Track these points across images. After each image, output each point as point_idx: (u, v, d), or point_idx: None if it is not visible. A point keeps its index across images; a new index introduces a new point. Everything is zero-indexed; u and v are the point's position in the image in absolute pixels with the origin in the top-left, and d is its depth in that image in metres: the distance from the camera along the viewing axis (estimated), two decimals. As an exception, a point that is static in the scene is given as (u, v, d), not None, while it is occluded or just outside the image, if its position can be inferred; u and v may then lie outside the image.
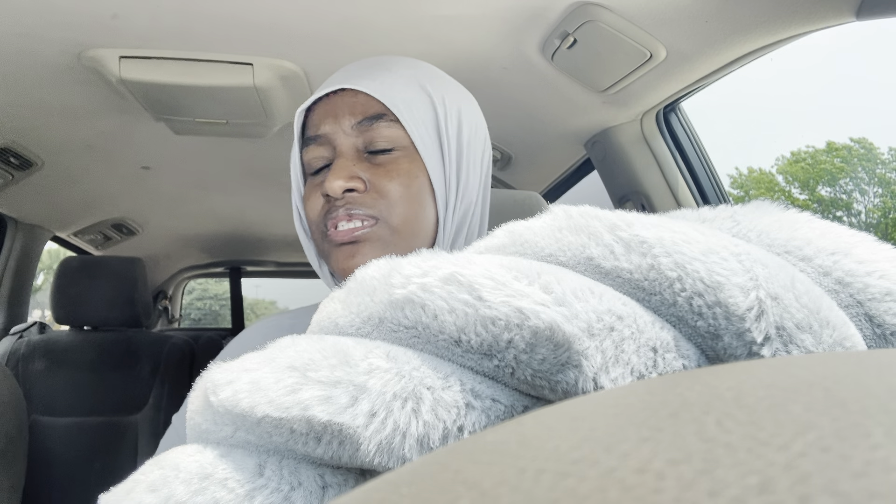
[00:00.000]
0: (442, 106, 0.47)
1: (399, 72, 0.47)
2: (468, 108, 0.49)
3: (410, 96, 0.46)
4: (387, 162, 0.45)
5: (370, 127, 0.45)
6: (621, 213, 0.17)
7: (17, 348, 1.33)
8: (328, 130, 0.46)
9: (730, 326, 0.15)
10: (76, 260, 1.45)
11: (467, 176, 0.48)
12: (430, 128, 0.46)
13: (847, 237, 0.17)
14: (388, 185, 0.44)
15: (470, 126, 0.49)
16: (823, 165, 11.19)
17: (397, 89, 0.46)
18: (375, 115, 0.45)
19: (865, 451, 0.07)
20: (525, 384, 0.16)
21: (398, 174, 0.45)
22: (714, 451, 0.07)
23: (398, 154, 0.45)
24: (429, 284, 0.16)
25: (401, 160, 0.45)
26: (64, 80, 0.90)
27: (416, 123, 0.45)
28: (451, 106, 0.47)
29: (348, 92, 0.46)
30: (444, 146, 0.47)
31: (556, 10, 0.75)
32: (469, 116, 0.49)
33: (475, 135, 0.49)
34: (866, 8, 0.58)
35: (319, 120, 0.46)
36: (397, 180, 0.44)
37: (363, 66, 0.48)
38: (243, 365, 0.17)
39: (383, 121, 0.45)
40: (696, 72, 0.81)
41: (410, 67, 0.48)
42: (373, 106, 0.45)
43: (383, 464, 0.15)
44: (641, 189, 1.02)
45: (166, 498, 0.15)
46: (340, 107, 0.46)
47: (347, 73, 0.47)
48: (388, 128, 0.45)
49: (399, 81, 0.46)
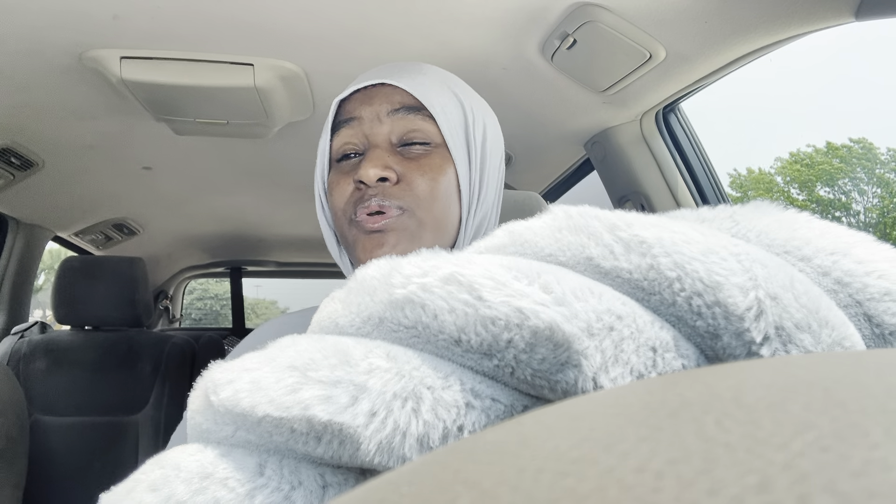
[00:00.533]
0: (471, 113, 0.48)
1: (432, 76, 0.49)
2: (492, 120, 0.51)
3: (444, 99, 0.47)
4: (419, 157, 0.46)
5: (406, 117, 0.46)
6: (621, 213, 0.17)
7: (18, 348, 1.33)
8: (364, 114, 0.47)
9: (729, 326, 0.15)
10: (77, 260, 1.45)
11: (487, 182, 0.49)
12: (460, 130, 0.47)
13: (846, 237, 0.17)
14: (420, 179, 0.45)
15: (493, 137, 0.50)
16: (822, 166, 11.18)
17: (434, 90, 0.47)
18: (412, 106, 0.46)
19: (864, 451, 0.07)
20: (525, 384, 0.16)
21: (430, 170, 0.45)
22: (713, 451, 0.08)
23: (430, 150, 0.46)
24: (429, 284, 0.16)
25: (433, 156, 0.46)
26: (65, 80, 0.90)
27: (449, 123, 0.47)
28: (479, 114, 0.49)
29: (387, 86, 0.47)
30: (471, 150, 0.48)
31: (556, 11, 0.75)
32: (492, 128, 0.51)
33: (496, 145, 0.51)
34: (865, 8, 0.58)
35: (355, 106, 0.47)
36: (429, 176, 0.45)
37: (398, 67, 0.49)
38: (244, 364, 0.17)
39: (420, 115, 0.46)
40: (695, 72, 0.81)
41: (442, 75, 0.50)
42: (411, 100, 0.46)
43: (383, 463, 0.15)
44: (641, 189, 1.02)
45: (167, 497, 0.15)
46: (378, 96, 0.47)
47: (384, 70, 0.49)
48: (424, 122, 0.46)
49: (434, 84, 0.48)
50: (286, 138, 1.14)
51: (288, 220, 1.89)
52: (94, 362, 1.35)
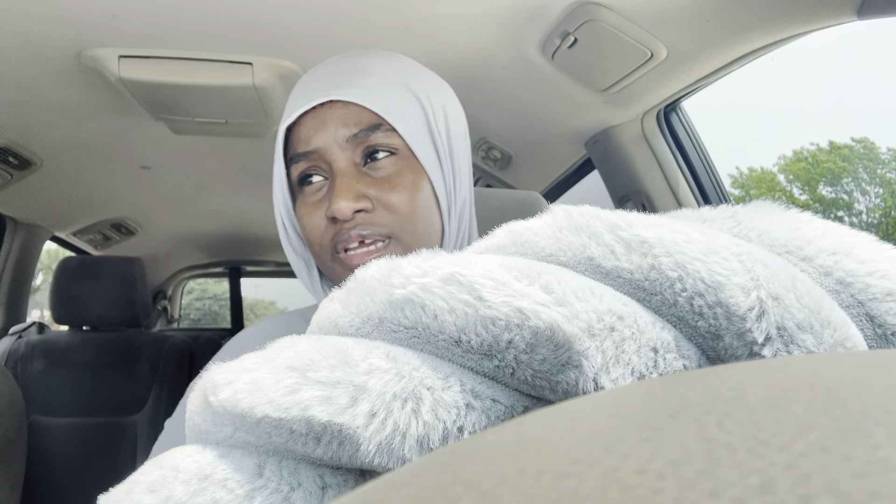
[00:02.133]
0: (430, 106, 0.44)
1: (382, 73, 0.44)
2: (450, 103, 0.47)
3: (400, 101, 0.43)
4: (390, 175, 0.43)
5: (367, 138, 0.42)
6: (622, 212, 0.17)
7: (16, 348, 1.33)
8: (320, 145, 0.42)
9: (731, 326, 0.15)
10: (75, 260, 1.45)
11: (460, 173, 0.47)
12: (423, 131, 0.44)
13: (848, 237, 0.17)
14: (396, 199, 0.42)
15: (455, 122, 0.47)
16: (825, 165, 11.20)
17: (387, 95, 0.43)
18: (371, 125, 0.42)
19: (866, 452, 0.07)
20: (525, 384, 0.16)
21: (403, 186, 0.42)
22: (715, 452, 0.07)
23: (399, 164, 0.43)
24: (429, 284, 0.16)
25: (403, 171, 0.43)
26: (63, 79, 0.90)
27: (412, 130, 0.43)
28: (437, 104, 0.45)
29: (337, 104, 0.43)
30: (438, 146, 0.45)
31: (557, 10, 0.75)
32: (453, 112, 0.47)
33: (459, 129, 0.47)
34: (868, 7, 0.58)
35: (308, 134, 0.43)
36: (404, 193, 0.42)
37: (342, 70, 0.45)
38: (243, 365, 0.17)
39: (380, 131, 0.42)
40: (696, 71, 0.81)
41: (391, 65, 0.45)
42: (366, 116, 0.42)
43: (383, 464, 0.15)
44: (642, 189, 1.02)
45: (166, 498, 0.15)
46: (331, 119, 0.42)
47: (328, 79, 0.44)
48: (386, 137, 0.42)
49: (386, 85, 0.43)
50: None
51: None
52: (92, 363, 1.35)
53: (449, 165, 0.46)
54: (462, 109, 0.50)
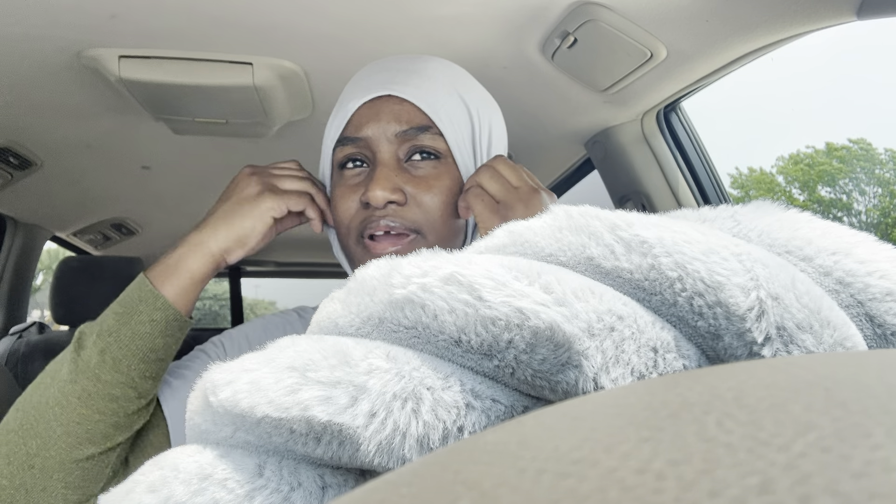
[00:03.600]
0: (478, 117, 0.47)
1: (439, 78, 0.47)
2: (497, 119, 0.50)
3: (452, 108, 0.46)
4: (428, 175, 0.45)
5: (415, 137, 0.45)
6: (622, 212, 0.17)
7: (16, 348, 1.33)
8: (371, 134, 0.45)
9: (730, 326, 0.15)
10: (75, 260, 1.45)
11: None
12: (467, 140, 0.46)
13: (848, 237, 0.17)
14: (429, 199, 0.44)
15: (498, 138, 0.49)
16: (822, 167, 11.20)
17: (441, 100, 0.45)
18: (421, 126, 0.45)
19: (866, 452, 0.07)
20: (525, 384, 0.16)
21: (439, 189, 0.45)
22: (714, 452, 0.07)
23: (439, 167, 0.45)
24: (429, 284, 0.16)
25: (441, 174, 0.45)
26: (63, 79, 0.90)
27: (458, 138, 0.45)
28: (485, 117, 0.48)
29: (393, 98, 0.45)
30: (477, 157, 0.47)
31: (557, 10, 0.75)
32: (498, 128, 0.49)
33: (500, 146, 0.50)
34: (867, 7, 0.58)
35: (361, 122, 0.46)
36: (438, 195, 0.44)
37: (402, 69, 0.47)
38: (243, 365, 0.17)
39: (428, 133, 0.45)
40: (696, 71, 0.81)
41: (448, 73, 0.48)
42: (418, 116, 0.45)
43: (383, 464, 0.15)
44: (642, 189, 1.02)
45: (166, 498, 0.15)
46: (385, 112, 0.45)
47: (389, 75, 0.47)
48: (433, 140, 0.45)
49: (441, 90, 0.46)
50: (285, 137, 1.14)
51: (287, 219, 1.89)
52: (93, 362, 1.34)
53: None
54: (505, 127, 0.52)
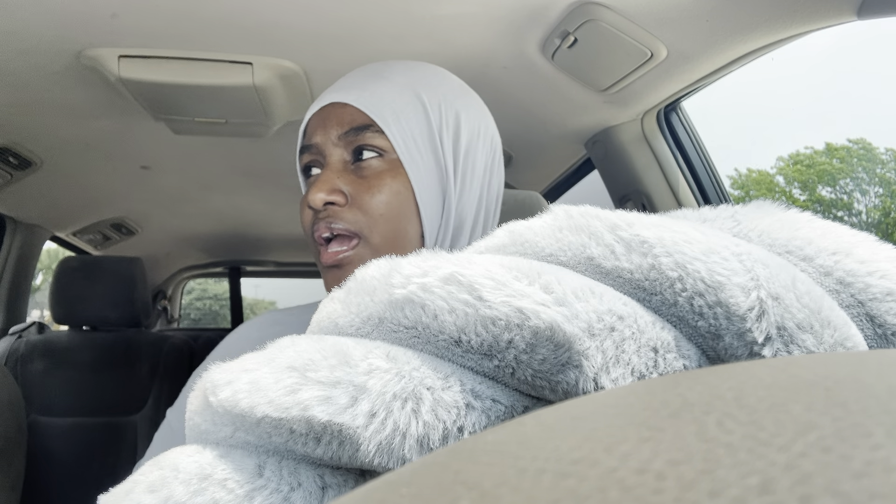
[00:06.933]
0: (437, 113, 0.45)
1: (394, 79, 0.46)
2: (469, 113, 0.47)
3: (401, 105, 0.45)
4: (371, 175, 0.44)
5: (356, 137, 0.45)
6: (622, 212, 0.17)
7: (16, 348, 1.33)
8: (318, 140, 0.46)
9: (731, 326, 0.15)
10: (75, 260, 1.45)
11: (464, 186, 0.46)
12: (422, 137, 0.45)
13: (848, 237, 0.17)
14: (370, 199, 0.44)
15: (470, 132, 0.47)
16: (822, 167, 11.20)
17: (388, 99, 0.45)
18: (361, 125, 0.44)
19: (866, 452, 0.07)
20: (525, 384, 0.16)
21: (380, 189, 0.44)
22: (715, 452, 0.07)
23: (383, 167, 0.44)
24: (429, 284, 0.16)
25: (384, 174, 0.44)
26: (63, 79, 0.90)
27: (405, 134, 0.44)
28: (448, 112, 0.46)
29: (338, 105, 0.46)
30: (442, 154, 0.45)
31: (557, 10, 0.75)
32: (469, 119, 0.47)
33: (476, 140, 0.47)
34: (867, 7, 0.58)
35: (312, 130, 0.47)
36: (379, 195, 0.44)
37: (359, 76, 0.48)
38: (243, 365, 0.17)
39: (369, 131, 0.44)
40: (696, 71, 0.81)
41: (407, 75, 0.47)
42: (360, 117, 0.45)
43: (383, 464, 0.15)
44: (642, 189, 1.02)
45: (165, 498, 0.15)
46: (330, 118, 0.46)
47: (343, 83, 0.48)
48: (374, 138, 0.44)
49: (392, 90, 0.45)
50: (285, 137, 1.14)
51: (287, 219, 1.89)
52: (92, 363, 1.35)
53: (450, 175, 0.46)
54: (486, 118, 0.50)
